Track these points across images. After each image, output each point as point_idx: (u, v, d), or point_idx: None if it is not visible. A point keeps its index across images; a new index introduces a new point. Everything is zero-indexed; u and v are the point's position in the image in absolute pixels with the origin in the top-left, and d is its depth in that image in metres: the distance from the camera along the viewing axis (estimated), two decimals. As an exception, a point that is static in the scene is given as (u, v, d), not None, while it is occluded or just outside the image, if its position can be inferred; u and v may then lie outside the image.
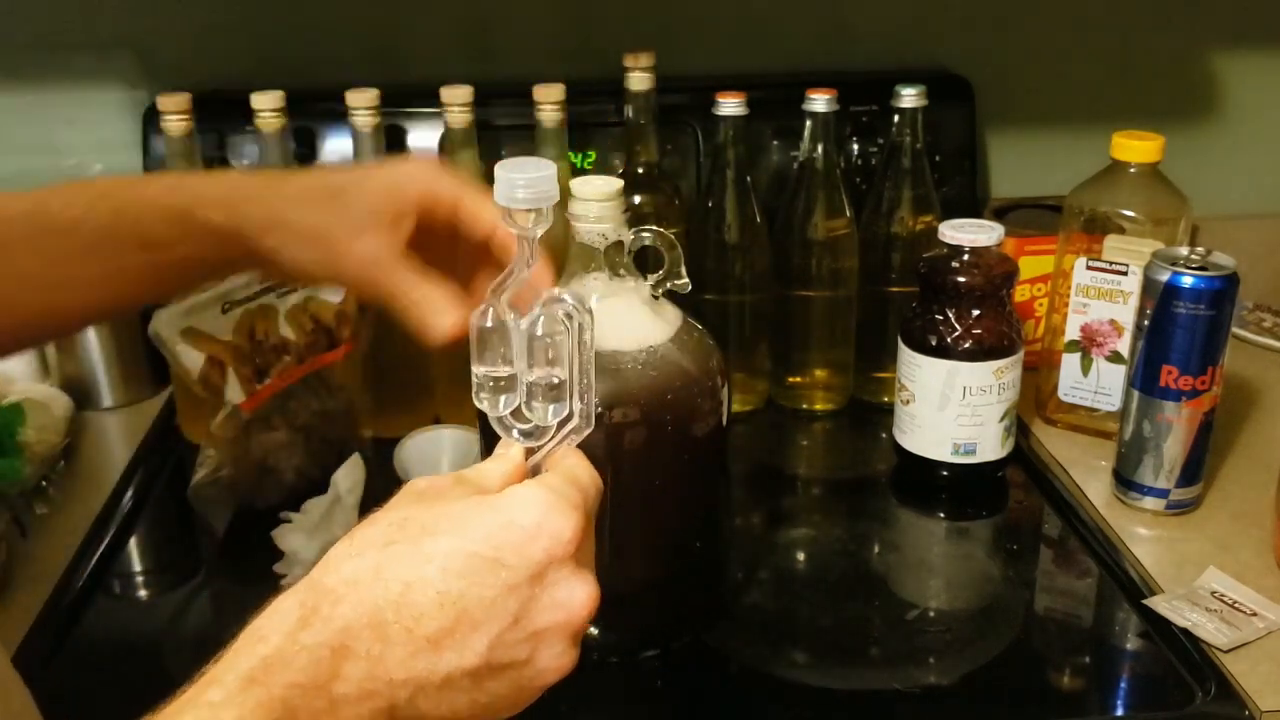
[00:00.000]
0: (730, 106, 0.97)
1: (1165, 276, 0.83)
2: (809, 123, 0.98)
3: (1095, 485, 0.93)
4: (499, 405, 0.53)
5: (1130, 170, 0.93)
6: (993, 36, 1.21)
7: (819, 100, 0.97)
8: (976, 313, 0.90)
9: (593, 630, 0.76)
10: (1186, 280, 0.82)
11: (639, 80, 0.98)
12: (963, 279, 0.90)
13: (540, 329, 0.51)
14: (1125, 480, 0.89)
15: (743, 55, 1.19)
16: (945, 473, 0.93)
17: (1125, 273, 0.94)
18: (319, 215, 0.62)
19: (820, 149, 0.99)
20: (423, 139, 1.09)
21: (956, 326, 0.90)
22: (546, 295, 0.51)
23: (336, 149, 1.08)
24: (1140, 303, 0.85)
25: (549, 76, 0.96)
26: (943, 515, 0.95)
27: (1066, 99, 1.23)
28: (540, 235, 0.52)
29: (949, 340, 0.90)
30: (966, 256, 0.90)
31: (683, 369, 0.71)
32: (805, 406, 1.08)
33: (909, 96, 0.99)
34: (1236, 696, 0.71)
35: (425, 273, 0.62)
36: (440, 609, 0.44)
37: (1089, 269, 0.96)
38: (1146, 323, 0.84)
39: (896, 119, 1.00)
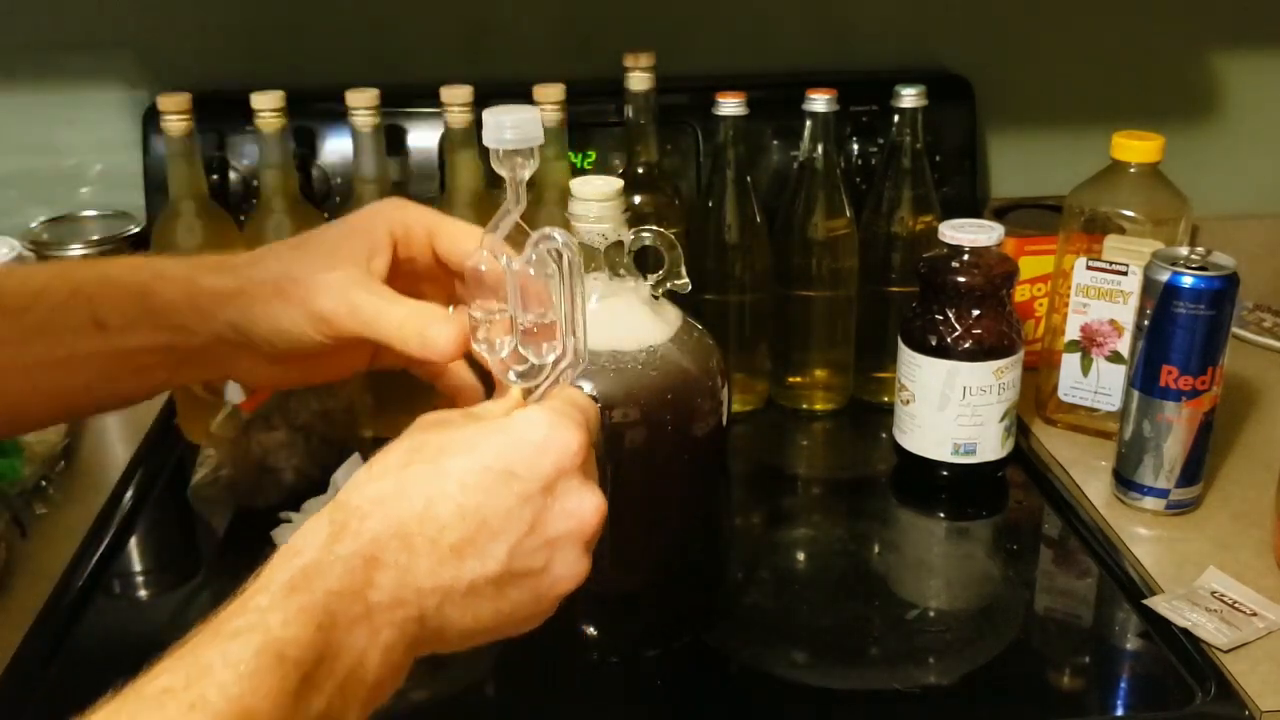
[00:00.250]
0: (730, 106, 0.97)
1: (1165, 276, 0.83)
2: (809, 123, 0.98)
3: (1095, 485, 0.93)
4: (496, 347, 0.55)
5: (1130, 170, 0.93)
6: (993, 36, 1.21)
7: (819, 100, 0.97)
8: (976, 313, 0.90)
9: (592, 630, 0.76)
10: (1186, 280, 0.82)
11: (639, 80, 0.98)
12: (963, 279, 0.90)
13: (533, 268, 0.53)
14: (1125, 480, 0.89)
15: (743, 55, 1.19)
16: (945, 473, 0.93)
17: (1125, 273, 0.94)
18: (281, 265, 0.59)
19: (820, 149, 0.99)
20: (423, 139, 1.09)
21: (956, 326, 0.90)
22: (536, 235, 0.53)
23: (336, 149, 1.08)
24: (1140, 303, 0.85)
25: (549, 76, 0.96)
26: (943, 515, 0.95)
27: (1066, 99, 1.23)
28: (528, 177, 0.54)
29: (949, 340, 0.90)
30: (966, 256, 0.90)
31: (683, 369, 0.71)
32: (805, 406, 1.08)
33: (909, 96, 0.99)
34: (1236, 696, 0.71)
35: (406, 296, 0.59)
36: (461, 520, 0.47)
37: (1089, 269, 0.96)
38: (1146, 323, 0.84)
39: (896, 119, 1.00)
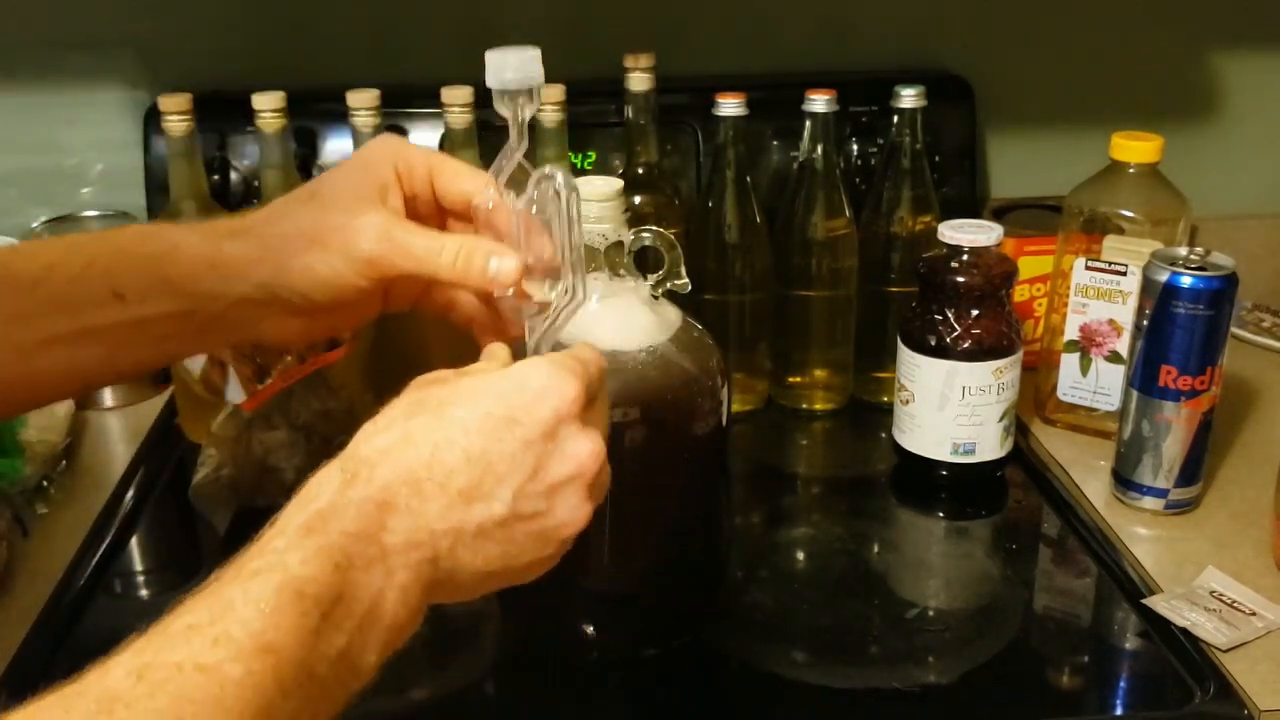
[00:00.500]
0: (730, 106, 0.97)
1: (1164, 277, 0.83)
2: (809, 123, 0.99)
3: (1094, 485, 0.93)
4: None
5: (1130, 170, 0.93)
6: (993, 36, 1.21)
7: (819, 100, 0.97)
8: (976, 313, 0.90)
9: (592, 630, 0.76)
10: (1185, 280, 0.82)
11: (639, 80, 0.98)
12: (962, 279, 0.90)
13: (535, 207, 0.55)
14: (1124, 480, 0.89)
15: (743, 55, 1.19)
16: (944, 472, 0.93)
17: (1124, 273, 0.94)
18: (309, 217, 0.59)
19: (820, 149, 0.99)
20: (423, 139, 1.09)
21: (956, 326, 0.90)
22: (537, 174, 0.55)
23: (337, 149, 1.08)
24: (1139, 303, 0.85)
25: (549, 76, 0.96)
26: (942, 515, 0.95)
27: (1066, 99, 1.23)
28: (529, 117, 0.56)
29: (948, 340, 0.90)
30: (966, 256, 0.90)
31: (683, 369, 0.71)
32: (805, 406, 1.08)
33: (909, 97, 0.99)
34: (1235, 696, 0.71)
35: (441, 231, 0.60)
36: (467, 465, 0.48)
37: (1088, 269, 0.96)
38: (1145, 323, 0.84)
39: (896, 119, 1.00)
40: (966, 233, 0.90)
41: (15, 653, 0.75)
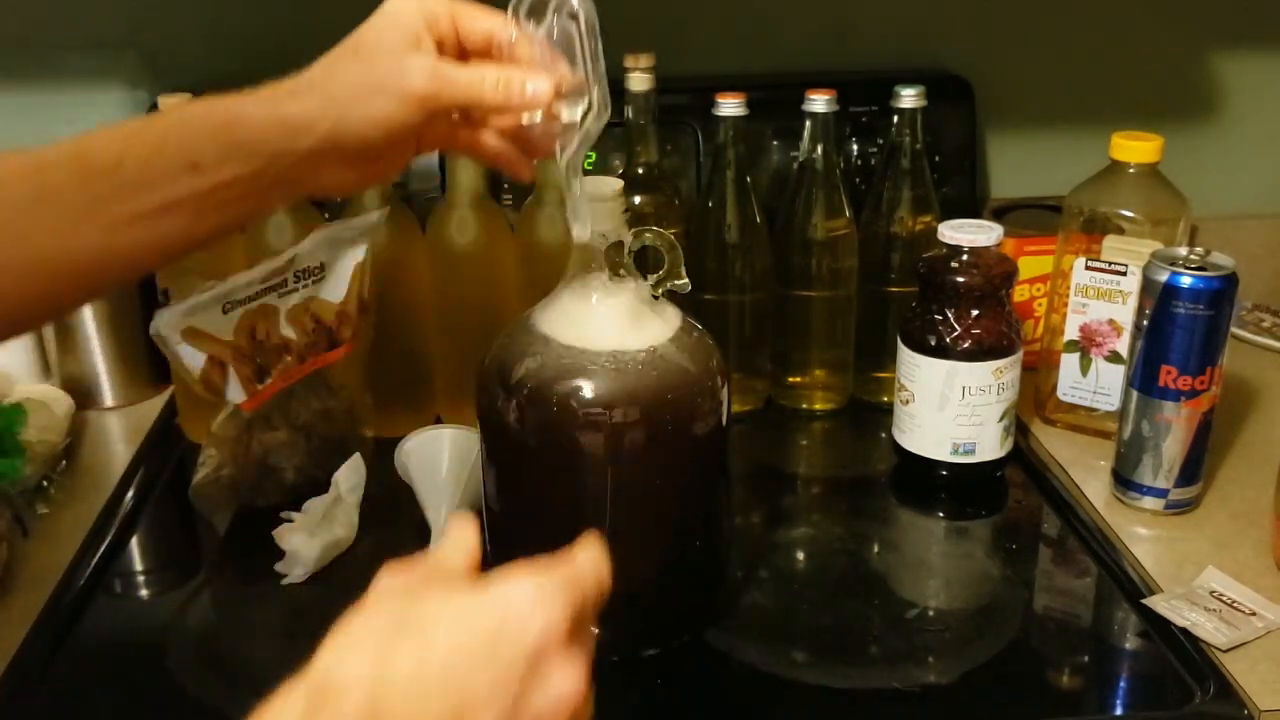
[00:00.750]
0: (730, 107, 0.97)
1: (1164, 277, 0.83)
2: (809, 123, 0.99)
3: (1094, 485, 0.93)
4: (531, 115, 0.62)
5: (1130, 170, 0.93)
6: (993, 36, 1.21)
7: (819, 100, 0.97)
8: (976, 313, 0.90)
9: (593, 630, 0.76)
10: (1185, 280, 0.82)
11: (639, 80, 0.98)
12: (962, 279, 0.90)
13: (555, 33, 0.58)
14: (1124, 480, 0.89)
15: (743, 55, 1.19)
16: (944, 472, 0.93)
17: (1124, 273, 0.94)
18: (360, 67, 0.63)
19: (820, 149, 0.99)
20: (423, 139, 1.09)
21: (956, 326, 0.90)
22: (554, 1, 0.58)
23: (337, 149, 1.08)
24: (1139, 303, 0.85)
25: (549, 77, 0.96)
26: (942, 515, 0.95)
27: (1066, 99, 1.23)
28: None
29: (948, 340, 0.90)
30: (966, 257, 0.90)
31: (683, 369, 0.71)
32: (805, 406, 1.08)
33: (909, 97, 0.99)
34: (1235, 696, 0.71)
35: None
36: (444, 696, 0.45)
37: (1088, 269, 0.96)
38: (1145, 323, 0.84)
39: (896, 119, 1.00)
40: (966, 233, 0.90)
41: (15, 653, 0.75)
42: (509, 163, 0.69)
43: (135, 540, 0.91)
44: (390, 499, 0.91)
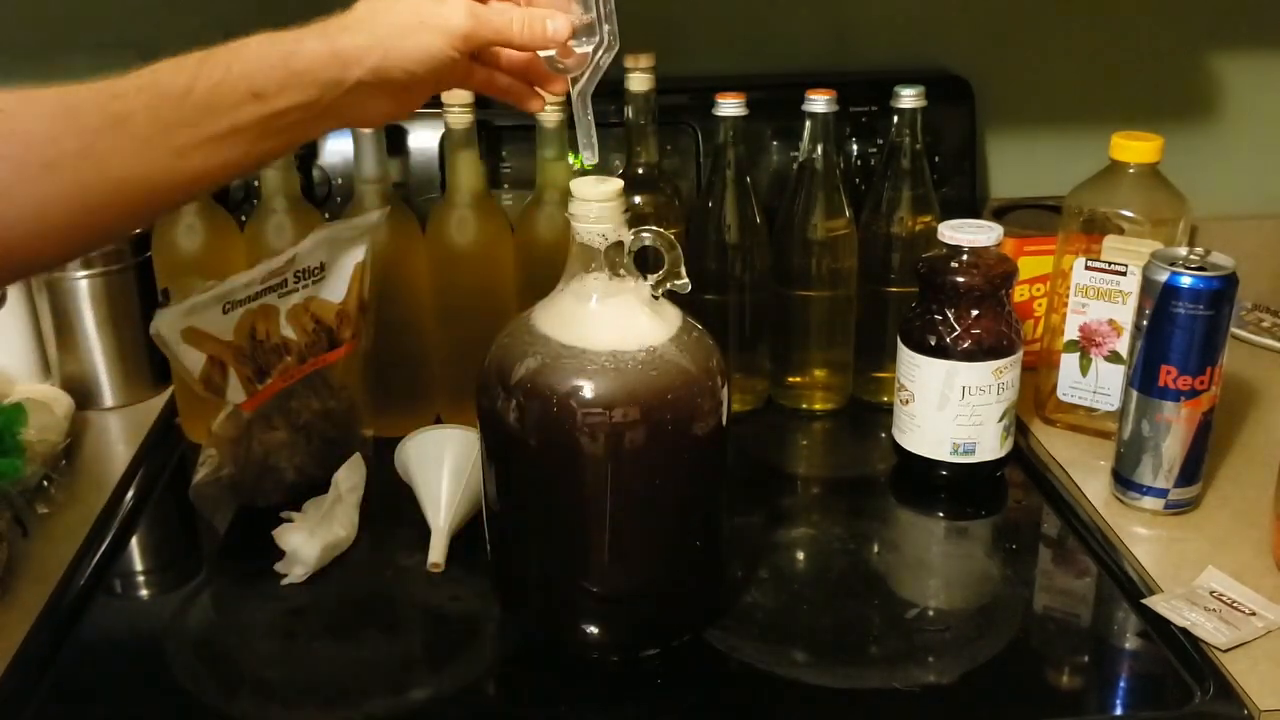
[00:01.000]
0: (730, 107, 0.97)
1: (1164, 277, 0.83)
2: (809, 123, 0.99)
3: (1094, 485, 0.93)
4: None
5: (1129, 171, 0.93)
6: (993, 36, 1.21)
7: (819, 101, 0.97)
8: (975, 313, 0.90)
9: (593, 630, 0.76)
10: (1185, 280, 0.82)
11: (639, 81, 0.98)
12: (962, 279, 0.90)
13: None
14: (1124, 480, 0.89)
15: (743, 55, 1.19)
16: (944, 472, 0.93)
17: (1124, 273, 0.94)
18: (403, 8, 0.68)
19: (820, 149, 0.99)
20: (423, 139, 1.09)
21: (956, 326, 0.90)
22: None
23: (336, 149, 1.08)
24: (1139, 303, 0.85)
25: (549, 77, 0.96)
26: (942, 515, 0.95)
27: (1066, 99, 1.23)
28: None
29: (948, 340, 0.90)
30: (966, 257, 0.90)
31: (683, 369, 0.71)
32: (805, 406, 1.08)
33: (908, 97, 0.99)
34: (1235, 696, 0.71)
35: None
36: None
37: (1088, 269, 0.96)
38: (1145, 323, 0.84)
39: (896, 119, 1.00)
40: (966, 233, 0.90)
41: (15, 652, 0.75)
42: (519, 96, 0.75)
43: (135, 540, 0.91)
44: (390, 499, 0.91)
